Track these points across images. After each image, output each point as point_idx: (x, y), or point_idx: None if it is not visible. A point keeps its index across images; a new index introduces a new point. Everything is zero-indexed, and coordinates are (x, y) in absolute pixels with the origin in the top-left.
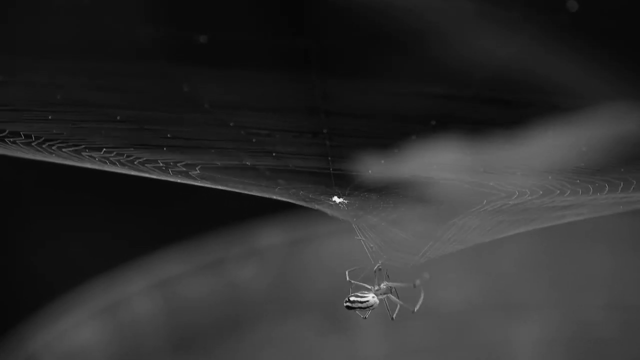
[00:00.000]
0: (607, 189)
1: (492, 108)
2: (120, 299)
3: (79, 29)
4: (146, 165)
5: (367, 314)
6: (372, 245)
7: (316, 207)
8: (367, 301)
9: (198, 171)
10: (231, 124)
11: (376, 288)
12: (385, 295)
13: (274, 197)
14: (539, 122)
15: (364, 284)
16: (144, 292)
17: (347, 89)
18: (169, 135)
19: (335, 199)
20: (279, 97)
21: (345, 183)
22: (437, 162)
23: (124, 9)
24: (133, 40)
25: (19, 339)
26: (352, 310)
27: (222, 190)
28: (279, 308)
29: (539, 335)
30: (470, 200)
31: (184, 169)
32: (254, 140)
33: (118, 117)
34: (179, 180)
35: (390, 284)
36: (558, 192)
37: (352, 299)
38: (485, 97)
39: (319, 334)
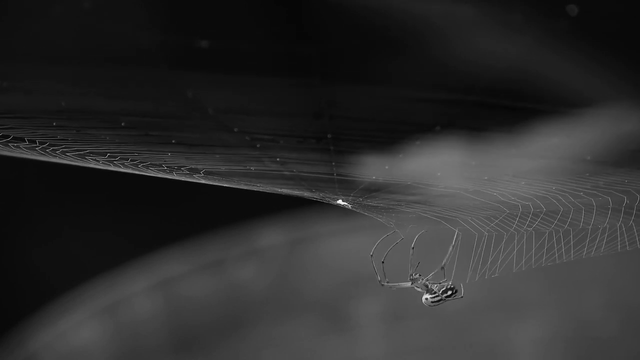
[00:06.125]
0: (610, 204)
1: (496, 113)
2: (121, 299)
3: (82, 35)
4: (150, 168)
5: (461, 293)
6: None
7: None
8: (435, 296)
9: (202, 174)
10: (235, 130)
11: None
12: (425, 282)
13: (279, 191)
14: (544, 126)
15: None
16: (144, 292)
17: (351, 93)
18: (173, 141)
19: (340, 202)
20: (282, 102)
21: (349, 188)
22: (442, 169)
23: (126, 15)
24: (136, 46)
25: (19, 339)
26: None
27: (222, 190)
28: (279, 308)
29: (539, 334)
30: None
31: (188, 172)
32: (258, 145)
33: (122, 124)
34: (182, 179)
35: (422, 279)
36: (562, 209)
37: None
38: (490, 101)
39: (319, 334)
